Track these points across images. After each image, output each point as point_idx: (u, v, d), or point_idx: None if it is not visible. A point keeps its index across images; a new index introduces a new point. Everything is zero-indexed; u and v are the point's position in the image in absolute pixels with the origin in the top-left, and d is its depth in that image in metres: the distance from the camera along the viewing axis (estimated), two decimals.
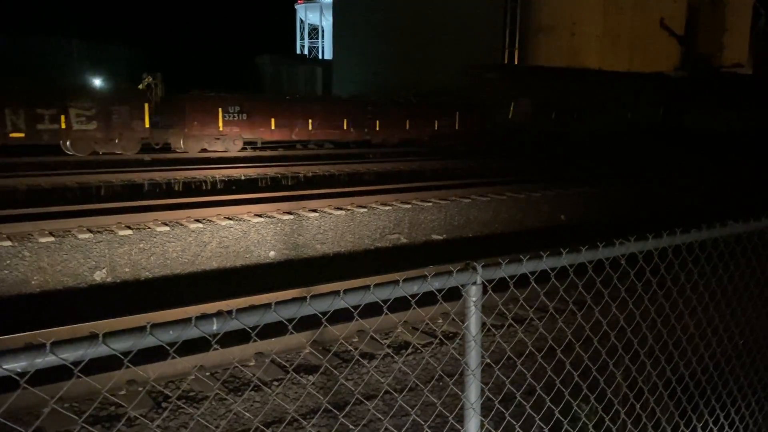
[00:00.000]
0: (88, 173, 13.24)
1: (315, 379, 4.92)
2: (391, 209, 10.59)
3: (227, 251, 8.85)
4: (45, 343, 1.20)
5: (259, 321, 1.49)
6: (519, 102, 24.64)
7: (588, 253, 2.13)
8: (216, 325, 1.41)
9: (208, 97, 18.89)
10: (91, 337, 1.24)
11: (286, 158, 18.23)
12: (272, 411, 4.53)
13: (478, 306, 1.94)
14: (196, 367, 5.05)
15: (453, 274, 1.88)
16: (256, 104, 19.50)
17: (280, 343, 5.41)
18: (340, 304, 1.65)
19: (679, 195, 14.52)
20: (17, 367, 1.17)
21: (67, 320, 5.77)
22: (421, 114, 23.43)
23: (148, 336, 1.32)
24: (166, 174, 13.61)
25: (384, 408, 4.40)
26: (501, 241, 11.36)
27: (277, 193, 11.64)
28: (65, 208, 9.50)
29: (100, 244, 8.00)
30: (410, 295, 1.82)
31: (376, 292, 1.73)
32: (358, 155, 20.01)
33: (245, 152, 19.13)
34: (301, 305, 1.57)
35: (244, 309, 1.47)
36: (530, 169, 16.49)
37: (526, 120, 24.78)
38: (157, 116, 17.88)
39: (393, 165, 17.05)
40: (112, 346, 1.27)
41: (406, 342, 5.81)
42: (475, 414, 1.96)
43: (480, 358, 1.96)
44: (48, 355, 1.20)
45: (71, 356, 1.23)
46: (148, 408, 4.50)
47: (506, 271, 1.97)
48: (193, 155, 17.72)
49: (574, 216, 12.87)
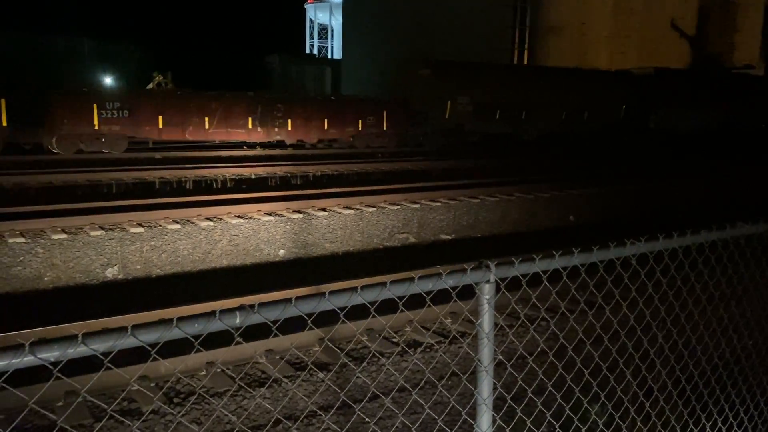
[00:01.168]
0: (100, 171, 13.36)
1: (327, 376, 4.97)
2: (399, 209, 10.63)
3: (237, 249, 8.91)
4: (77, 334, 1.24)
5: (280, 315, 1.54)
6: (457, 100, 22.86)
7: (600, 252, 2.17)
8: (239, 318, 1.46)
9: (79, 92, 17.41)
10: (120, 329, 1.28)
11: (295, 157, 18.30)
12: (284, 408, 4.57)
13: (491, 303, 1.98)
14: (217, 361, 5.10)
15: (467, 272, 1.92)
16: (141, 100, 17.94)
17: (290, 340, 5.46)
18: (357, 300, 1.69)
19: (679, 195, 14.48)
20: (50, 357, 1.22)
21: (79, 317, 5.85)
22: (343, 113, 21.60)
23: (174, 329, 1.36)
24: (177, 172, 13.71)
25: (396, 406, 4.44)
26: (510, 242, 11.37)
27: (286, 192, 11.70)
28: (77, 205, 9.60)
29: (111, 241, 8.08)
30: (425, 292, 1.86)
31: (392, 289, 1.77)
32: (368, 155, 20.05)
33: (254, 151, 19.17)
34: (320, 301, 1.62)
35: (266, 303, 1.52)
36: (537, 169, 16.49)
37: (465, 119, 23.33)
38: (19, 114, 16.33)
39: (402, 165, 17.10)
40: (140, 338, 1.32)
41: (416, 340, 5.84)
42: (488, 409, 2.00)
43: (492, 355, 2.00)
44: (79, 345, 1.25)
45: (102, 347, 1.28)
46: (161, 403, 4.56)
47: (519, 269, 2.01)
48: (203, 154, 17.81)
49: (583, 216, 12.86)
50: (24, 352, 1.19)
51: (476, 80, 23.69)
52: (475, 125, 23.40)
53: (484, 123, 23.67)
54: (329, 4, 55.63)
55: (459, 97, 22.88)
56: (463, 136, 23.48)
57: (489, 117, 23.57)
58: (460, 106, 22.91)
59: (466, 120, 23.07)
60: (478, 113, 23.33)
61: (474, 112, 23.19)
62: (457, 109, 22.86)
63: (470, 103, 23.14)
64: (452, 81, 23.01)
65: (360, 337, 5.76)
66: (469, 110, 23.17)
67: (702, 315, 3.03)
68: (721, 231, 2.54)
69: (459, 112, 22.99)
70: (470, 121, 23.14)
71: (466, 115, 23.10)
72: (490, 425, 2.02)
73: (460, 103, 22.84)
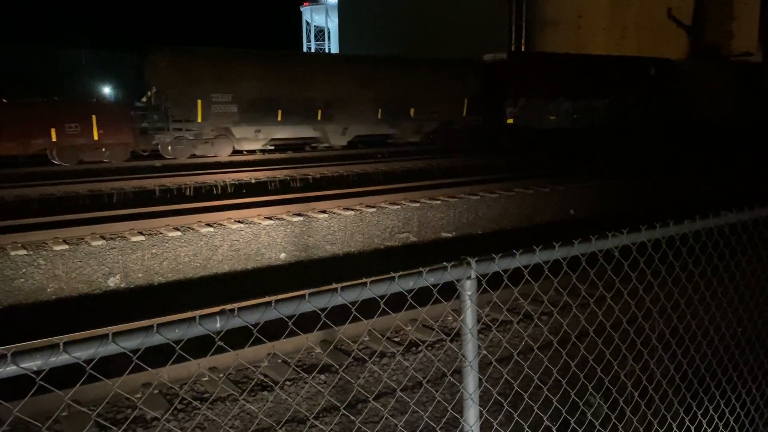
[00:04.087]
0: (100, 181, 13.43)
1: (327, 378, 5.00)
2: (399, 208, 10.66)
3: (238, 254, 8.96)
4: (59, 342, 1.28)
5: (261, 318, 1.57)
6: (212, 99, 18.08)
7: (581, 245, 2.19)
8: (219, 323, 1.49)
9: None
10: (101, 337, 1.32)
11: (295, 160, 18.35)
12: (286, 410, 4.61)
13: (473, 300, 2.01)
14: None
15: (448, 269, 1.95)
16: None
17: (291, 343, 5.50)
18: (337, 301, 1.72)
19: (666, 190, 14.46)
20: (33, 366, 1.26)
21: (82, 326, 5.89)
22: (23, 118, 15.87)
23: (155, 335, 1.40)
24: (177, 179, 13.77)
25: (395, 404, 4.47)
26: (510, 237, 11.40)
27: (286, 195, 11.75)
28: (78, 216, 9.66)
29: (113, 250, 8.14)
30: (406, 290, 1.89)
31: (373, 289, 1.80)
32: (367, 155, 20.09)
33: (254, 156, 19.23)
34: (300, 302, 1.65)
35: (246, 307, 1.55)
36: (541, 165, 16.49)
37: (230, 122, 18.53)
38: None
39: (401, 164, 17.13)
40: (121, 345, 1.35)
41: (419, 339, 5.87)
42: (474, 404, 2.03)
43: (477, 350, 2.03)
44: (61, 354, 1.28)
45: (84, 355, 1.31)
46: (163, 409, 4.60)
47: (500, 264, 2.04)
48: (202, 161, 17.85)
49: (583, 210, 12.87)
50: (6, 362, 1.22)
51: (243, 72, 18.68)
52: (246, 130, 19.00)
53: (264, 126, 19.12)
54: (325, 6, 55.69)
55: (215, 94, 18.17)
56: (222, 148, 18.74)
57: (267, 118, 19.06)
58: (218, 106, 18.23)
59: (231, 123, 18.57)
60: (248, 113, 18.70)
61: (241, 112, 18.56)
62: (213, 110, 18.18)
63: (233, 102, 18.43)
64: (204, 73, 18.09)
65: (343, 337, 5.79)
66: (233, 111, 18.48)
67: (689, 306, 3.05)
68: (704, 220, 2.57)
69: (217, 114, 18.27)
70: (237, 124, 18.68)
71: (228, 117, 18.46)
72: (477, 420, 2.05)
73: (216, 102, 18.20)
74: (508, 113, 23.36)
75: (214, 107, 18.19)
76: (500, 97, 23.35)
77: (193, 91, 17.85)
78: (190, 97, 17.82)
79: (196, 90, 17.88)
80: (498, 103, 23.40)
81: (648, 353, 2.95)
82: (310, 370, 5.16)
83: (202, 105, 17.95)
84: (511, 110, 23.32)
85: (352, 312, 1.86)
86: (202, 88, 17.96)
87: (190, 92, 17.81)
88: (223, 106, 18.32)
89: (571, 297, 5.45)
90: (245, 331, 1.67)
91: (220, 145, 18.69)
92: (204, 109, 18.06)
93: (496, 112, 23.57)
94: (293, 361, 5.31)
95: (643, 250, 2.54)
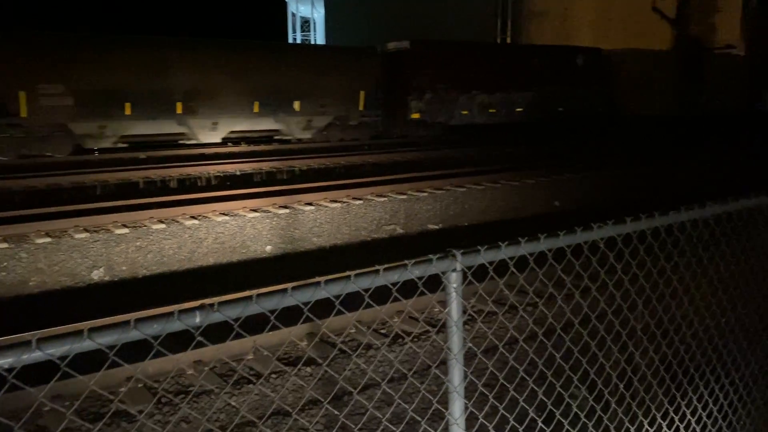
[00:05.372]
0: (83, 173, 13.27)
1: (312, 371, 4.99)
2: (386, 200, 10.64)
3: (223, 247, 8.90)
4: (31, 339, 1.24)
5: (242, 313, 1.54)
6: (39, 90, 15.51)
7: (566, 237, 2.18)
8: (199, 318, 1.46)
9: None
10: (76, 333, 1.28)
11: (281, 152, 18.24)
12: (270, 403, 4.59)
13: (458, 292, 2.00)
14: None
15: (433, 261, 1.93)
16: None
17: (276, 336, 5.47)
18: (321, 294, 1.70)
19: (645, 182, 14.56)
20: (4, 364, 1.22)
21: (65, 320, 5.83)
22: None
23: (133, 330, 1.37)
24: (161, 171, 13.64)
25: (381, 396, 4.47)
26: (497, 229, 11.42)
27: (272, 187, 11.68)
28: (61, 208, 9.54)
29: (97, 243, 8.05)
30: (391, 283, 1.87)
31: (357, 282, 1.78)
32: (353, 147, 20.01)
33: (240, 147, 19.11)
34: (283, 296, 1.62)
35: (227, 302, 1.52)
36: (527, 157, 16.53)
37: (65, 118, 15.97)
38: None
39: (388, 156, 17.10)
40: (97, 340, 1.32)
41: (405, 331, 5.86)
42: (459, 397, 2.02)
43: (462, 343, 2.01)
44: (35, 350, 1.25)
45: (58, 351, 1.28)
46: (147, 403, 4.56)
47: (485, 257, 2.02)
48: (188, 152, 17.69)
49: (568, 202, 12.92)
50: None
51: (78, 60, 16.16)
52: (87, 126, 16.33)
53: (109, 121, 16.61)
54: None
55: (43, 85, 15.62)
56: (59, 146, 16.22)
57: (113, 112, 16.67)
58: (48, 98, 15.68)
59: (67, 118, 16.03)
60: (88, 107, 16.23)
61: (79, 106, 16.11)
62: (42, 104, 15.59)
63: (67, 94, 15.93)
64: (28, 61, 15.50)
65: (326, 331, 5.78)
66: (68, 104, 15.98)
67: (674, 297, 3.06)
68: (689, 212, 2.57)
69: (48, 108, 15.69)
70: (74, 119, 16.10)
71: (62, 112, 15.91)
72: (462, 413, 2.04)
73: (45, 94, 15.67)
74: (413, 107, 21.45)
75: (43, 100, 15.67)
76: (404, 89, 21.42)
77: (15, 82, 15.35)
78: (11, 88, 15.33)
79: (19, 80, 15.39)
80: (401, 96, 21.48)
81: (633, 345, 2.96)
82: (295, 363, 5.14)
83: (27, 98, 15.50)
84: (416, 104, 21.48)
85: (336, 305, 1.84)
86: (25, 78, 15.45)
87: (12, 83, 15.32)
88: (54, 99, 15.80)
89: (556, 288, 5.47)
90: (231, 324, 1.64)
91: (56, 143, 16.31)
92: (30, 103, 15.55)
93: (399, 106, 21.61)
94: (278, 354, 5.28)
95: (628, 242, 2.54)
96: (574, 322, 2.57)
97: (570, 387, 2.73)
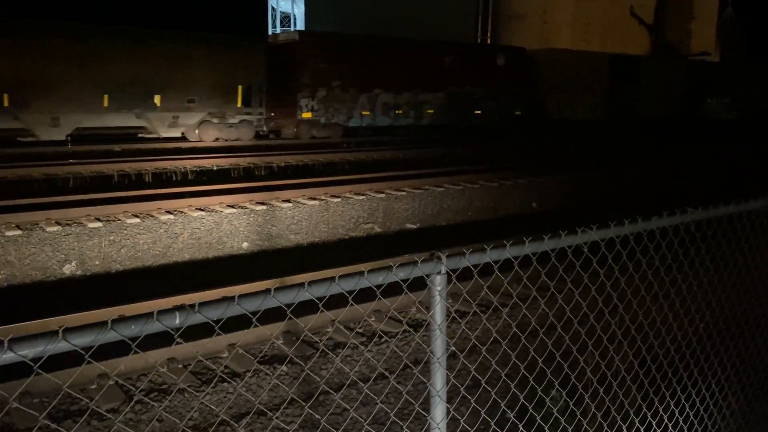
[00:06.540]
0: (56, 165, 13.01)
1: (288, 370, 4.93)
2: (365, 199, 10.60)
3: (199, 243, 8.78)
4: (3, 340, 1.19)
5: (223, 314, 1.50)
6: None
7: (551, 241, 2.17)
8: (179, 319, 1.42)
9: None
10: (50, 333, 1.23)
11: (259, 148, 18.08)
12: (246, 402, 4.53)
13: (443, 295, 1.97)
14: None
15: (418, 264, 1.90)
16: None
17: (252, 334, 5.41)
18: (304, 296, 1.66)
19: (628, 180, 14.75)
20: None
21: (35, 315, 5.69)
22: None
23: (110, 331, 1.32)
24: (136, 165, 13.44)
25: (357, 396, 4.43)
26: (474, 229, 11.45)
27: (249, 183, 11.57)
28: (33, 200, 9.33)
29: (69, 236, 7.88)
30: (375, 285, 1.84)
31: (341, 284, 1.74)
32: (332, 144, 19.91)
33: (217, 142, 18.91)
34: (265, 298, 1.58)
35: (207, 303, 1.48)
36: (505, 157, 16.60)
37: None
38: None
39: (367, 154, 17.04)
40: (72, 342, 1.27)
41: (384, 331, 5.84)
42: (441, 401, 1.99)
43: (445, 346, 1.99)
44: (6, 352, 1.19)
45: (31, 353, 1.23)
46: (119, 401, 4.47)
47: (470, 260, 2.00)
48: (163, 145, 17.45)
49: (545, 203, 13.02)
50: None
51: None
52: None
53: None
54: None
55: None
56: None
57: None
58: None
59: None
60: None
61: None
62: None
63: None
64: None
65: (309, 332, 5.73)
66: None
67: (654, 300, 3.08)
68: (671, 217, 2.58)
69: None
70: None
71: None
72: (444, 417, 2.02)
73: None
74: (304, 106, 19.75)
75: None
76: (294, 86, 19.69)
77: None
78: None
79: None
80: (290, 93, 19.75)
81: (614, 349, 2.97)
82: (272, 362, 5.08)
83: None
84: (307, 102, 19.76)
85: (318, 305, 1.80)
86: None
87: None
88: None
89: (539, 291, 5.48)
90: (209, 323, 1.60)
91: None
92: None
93: (288, 104, 19.88)
94: (253, 352, 5.22)
95: (611, 246, 2.54)
96: (556, 324, 2.56)
97: (549, 389, 2.73)
